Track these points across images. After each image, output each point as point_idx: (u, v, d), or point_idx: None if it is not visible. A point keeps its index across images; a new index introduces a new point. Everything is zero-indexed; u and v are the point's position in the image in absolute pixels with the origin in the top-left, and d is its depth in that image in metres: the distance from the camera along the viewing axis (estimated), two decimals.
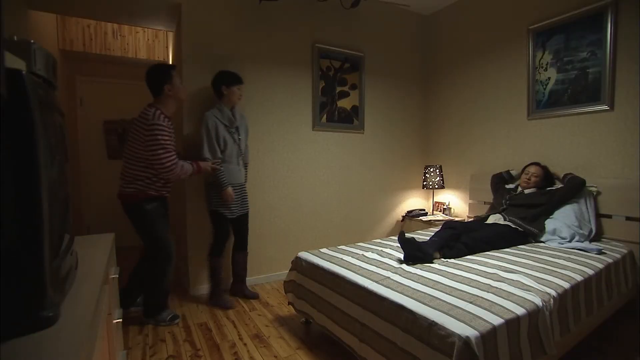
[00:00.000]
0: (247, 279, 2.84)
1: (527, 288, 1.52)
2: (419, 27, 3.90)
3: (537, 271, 1.75)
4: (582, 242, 2.34)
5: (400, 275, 1.71)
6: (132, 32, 3.97)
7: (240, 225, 2.63)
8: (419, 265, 1.87)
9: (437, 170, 3.64)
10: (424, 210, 3.79)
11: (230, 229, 2.58)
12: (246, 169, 2.69)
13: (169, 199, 2.37)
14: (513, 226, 2.45)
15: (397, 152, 3.81)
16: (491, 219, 2.62)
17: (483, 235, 2.25)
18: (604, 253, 2.13)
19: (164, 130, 2.08)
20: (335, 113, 3.36)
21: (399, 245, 2.01)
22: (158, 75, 2.17)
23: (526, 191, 2.72)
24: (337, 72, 3.34)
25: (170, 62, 3.76)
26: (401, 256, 1.98)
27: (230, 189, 2.43)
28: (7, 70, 0.55)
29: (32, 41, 0.67)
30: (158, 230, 2.21)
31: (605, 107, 2.49)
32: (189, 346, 2.00)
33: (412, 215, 3.66)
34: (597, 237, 2.45)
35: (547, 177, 2.71)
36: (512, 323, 1.29)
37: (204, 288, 2.78)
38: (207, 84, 2.72)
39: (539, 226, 2.48)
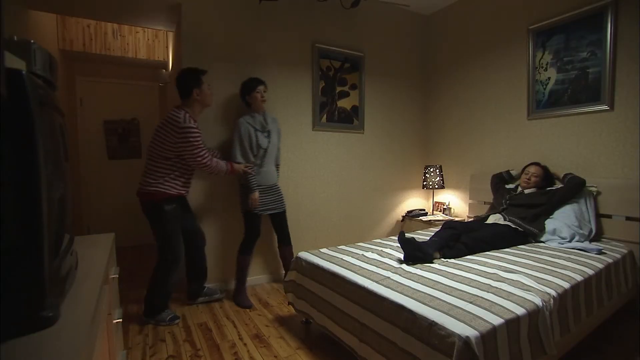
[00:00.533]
0: (247, 279, 2.84)
1: (527, 288, 1.52)
2: (419, 27, 3.90)
3: (537, 271, 1.75)
4: (582, 242, 2.34)
5: (400, 275, 1.71)
6: (132, 32, 3.97)
7: (279, 222, 2.77)
8: (419, 265, 1.87)
9: (437, 170, 3.64)
10: (424, 210, 3.79)
11: (261, 229, 2.67)
12: (278, 169, 2.83)
13: (188, 199, 2.49)
14: (513, 226, 2.45)
15: (397, 152, 3.81)
16: (491, 219, 2.62)
17: (483, 235, 2.25)
18: (604, 253, 2.13)
19: (195, 132, 2.18)
20: (335, 113, 3.36)
21: (399, 245, 2.01)
22: (188, 79, 2.25)
23: (526, 191, 2.72)
24: (337, 72, 3.34)
25: (170, 62, 3.76)
26: (401, 256, 1.98)
27: (257, 194, 2.53)
28: (7, 70, 0.55)
29: (32, 41, 0.68)
30: (170, 233, 2.27)
31: (605, 107, 2.49)
32: (189, 346, 2.00)
33: (412, 215, 3.66)
34: (597, 237, 2.45)
35: (547, 177, 2.71)
36: (512, 323, 1.29)
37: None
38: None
39: (539, 226, 2.48)
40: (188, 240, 2.44)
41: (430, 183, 3.63)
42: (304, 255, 2.15)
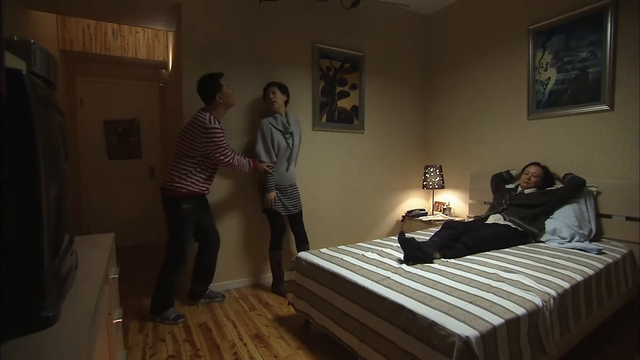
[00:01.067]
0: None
1: (527, 288, 1.52)
2: (419, 27, 3.90)
3: (537, 271, 1.75)
4: (582, 242, 2.34)
5: (400, 275, 1.71)
6: (132, 32, 3.97)
7: (295, 222, 2.84)
8: (419, 265, 1.87)
9: (437, 170, 3.64)
10: (424, 210, 3.79)
11: (285, 225, 2.78)
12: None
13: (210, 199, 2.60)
14: (513, 226, 2.45)
15: (397, 152, 3.81)
16: (491, 219, 2.62)
17: (483, 235, 2.25)
18: (604, 253, 2.13)
19: (220, 132, 2.29)
20: (335, 113, 3.36)
21: (399, 245, 2.01)
22: (210, 86, 2.35)
23: (526, 191, 2.72)
24: (337, 72, 3.34)
25: (170, 62, 3.76)
26: (401, 256, 1.98)
27: (273, 194, 2.61)
28: (7, 70, 0.55)
29: (32, 41, 0.68)
30: (182, 230, 2.33)
31: (605, 107, 2.49)
32: (189, 346, 2.00)
33: (412, 215, 3.66)
34: (597, 237, 2.45)
35: (547, 177, 2.71)
36: (512, 323, 1.29)
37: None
38: None
39: (539, 226, 2.48)
40: (201, 240, 2.51)
41: (430, 183, 3.63)
42: (304, 255, 2.15)
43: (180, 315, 2.34)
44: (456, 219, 3.46)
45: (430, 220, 3.41)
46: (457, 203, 3.68)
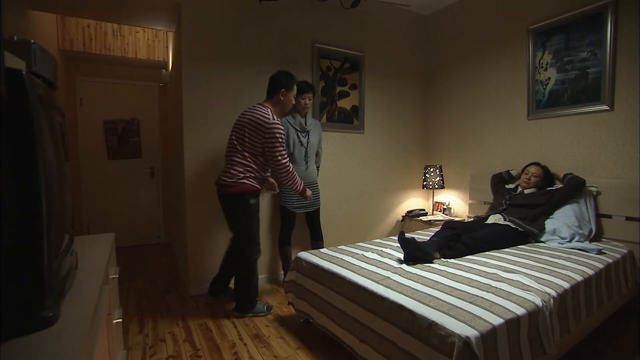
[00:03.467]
0: None
1: (527, 288, 1.52)
2: (419, 27, 3.90)
3: (537, 271, 1.75)
4: (582, 242, 2.34)
5: (400, 275, 1.71)
6: (132, 32, 3.97)
7: (311, 219, 2.93)
8: (419, 265, 1.87)
9: (437, 170, 3.64)
10: (424, 210, 3.79)
11: (295, 222, 2.85)
12: (318, 169, 3.03)
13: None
14: (513, 226, 2.45)
15: (397, 152, 3.81)
16: (491, 219, 2.62)
17: (483, 235, 2.25)
18: (604, 253, 2.13)
19: (281, 129, 2.23)
20: (335, 113, 3.36)
21: (399, 245, 2.01)
22: (282, 79, 2.32)
23: (526, 191, 2.72)
24: (337, 72, 3.34)
25: (170, 62, 3.76)
26: (401, 256, 1.98)
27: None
28: (7, 70, 0.55)
29: (32, 41, 0.67)
30: (252, 224, 2.30)
31: (605, 107, 2.49)
32: (189, 346, 2.00)
33: (412, 215, 3.66)
34: (597, 237, 2.45)
35: (547, 177, 2.71)
36: (512, 323, 1.29)
37: (204, 288, 2.78)
38: (207, 84, 2.72)
39: (539, 226, 2.48)
40: None
41: (430, 183, 3.63)
42: (304, 255, 2.15)
43: (271, 306, 2.43)
44: (456, 219, 3.46)
45: (430, 220, 3.41)
46: (457, 203, 3.68)
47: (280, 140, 2.22)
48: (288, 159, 2.31)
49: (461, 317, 1.26)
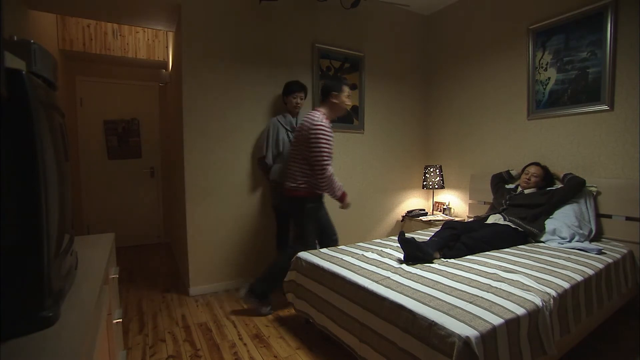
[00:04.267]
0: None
1: (527, 288, 1.52)
2: (419, 27, 3.90)
3: (537, 271, 1.75)
4: (582, 242, 2.34)
5: (400, 275, 1.71)
6: (132, 32, 3.97)
7: None
8: (419, 265, 1.87)
9: (437, 170, 3.64)
10: (424, 210, 3.79)
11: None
12: None
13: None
14: (513, 226, 2.45)
15: (397, 152, 3.81)
16: (491, 219, 2.62)
17: (483, 235, 2.25)
18: (604, 253, 2.13)
19: (326, 132, 2.25)
20: None
21: (399, 245, 2.01)
22: (330, 84, 2.39)
23: (526, 191, 2.72)
24: (337, 72, 3.34)
25: (170, 62, 3.76)
26: (401, 256, 1.98)
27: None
28: (7, 70, 0.55)
29: (32, 41, 0.67)
30: (308, 226, 2.40)
31: (605, 107, 2.49)
32: (189, 346, 2.00)
33: (412, 215, 3.66)
34: (597, 237, 2.45)
35: (547, 177, 2.71)
36: (512, 323, 1.29)
37: (204, 288, 2.78)
38: (206, 84, 2.73)
39: (538, 226, 2.48)
40: (320, 238, 2.55)
41: (430, 183, 3.63)
42: (304, 255, 2.15)
43: (272, 310, 2.41)
44: (456, 219, 3.46)
45: (430, 220, 3.41)
46: (457, 203, 3.68)
47: (322, 143, 2.22)
48: (329, 163, 2.27)
49: (461, 317, 1.26)
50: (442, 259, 1.99)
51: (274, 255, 2.92)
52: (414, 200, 3.96)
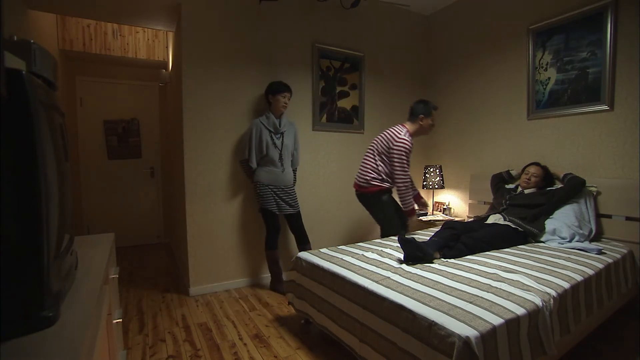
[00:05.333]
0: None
1: (527, 288, 1.52)
2: (419, 27, 3.90)
3: (537, 271, 1.75)
4: (582, 242, 2.33)
5: (400, 275, 1.71)
6: (132, 32, 3.97)
7: (293, 223, 2.87)
8: (419, 265, 1.87)
9: (437, 170, 3.64)
10: (424, 210, 3.79)
11: (281, 225, 2.81)
12: (295, 172, 2.95)
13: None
14: (513, 226, 2.45)
15: None
16: (491, 219, 2.62)
17: (483, 235, 2.25)
18: (604, 253, 2.13)
19: (408, 146, 2.56)
20: (335, 113, 3.36)
21: (399, 245, 2.01)
22: (419, 107, 2.66)
23: (526, 191, 2.72)
24: (337, 72, 3.34)
25: (170, 62, 3.76)
26: (401, 256, 1.98)
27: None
28: (7, 70, 0.55)
29: (32, 41, 0.67)
30: (389, 214, 2.70)
31: (605, 107, 2.49)
32: (189, 346, 2.00)
33: None
34: (597, 237, 2.45)
35: (547, 177, 2.71)
36: (512, 323, 1.29)
37: (204, 288, 2.78)
38: (207, 84, 2.73)
39: (538, 226, 2.48)
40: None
41: (430, 183, 3.63)
42: (304, 255, 2.15)
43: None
44: (456, 219, 3.46)
45: (430, 220, 3.41)
46: (457, 203, 3.68)
47: (403, 156, 2.54)
48: (408, 173, 2.58)
49: (461, 317, 1.26)
50: (442, 259, 1.99)
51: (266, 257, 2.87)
52: None
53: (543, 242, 2.43)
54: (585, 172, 2.61)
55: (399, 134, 2.57)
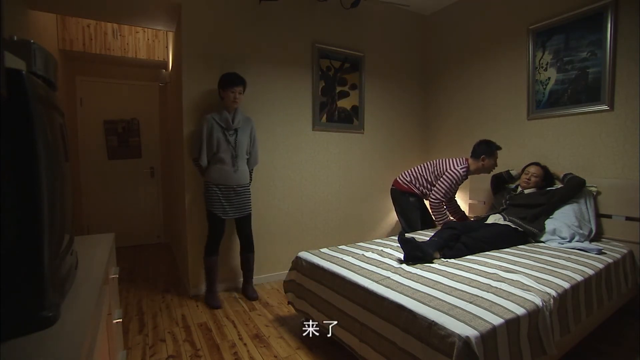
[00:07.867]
0: (242, 278, 2.83)
1: (527, 288, 1.52)
2: (419, 27, 3.90)
3: (537, 271, 1.75)
4: (582, 242, 2.33)
5: (400, 275, 1.71)
6: (132, 32, 3.97)
7: (241, 227, 2.69)
8: (419, 265, 1.87)
9: None
10: None
11: (224, 230, 2.62)
12: (251, 172, 2.73)
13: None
14: (513, 226, 2.45)
15: (397, 152, 3.81)
16: (491, 219, 2.61)
17: (483, 235, 2.25)
18: (604, 253, 2.13)
19: (455, 179, 2.76)
20: (335, 113, 3.36)
21: (399, 245, 2.01)
22: (482, 148, 2.80)
23: (526, 191, 2.72)
24: (337, 72, 3.34)
25: (170, 62, 3.76)
26: (401, 256, 1.98)
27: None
28: (7, 70, 0.55)
29: (32, 41, 0.67)
30: (411, 217, 2.98)
31: (605, 107, 2.49)
32: (189, 346, 2.00)
33: None
34: (597, 237, 2.45)
35: (547, 177, 2.71)
36: (512, 323, 1.29)
37: (204, 288, 2.78)
38: (207, 84, 2.73)
39: (538, 226, 2.48)
40: (422, 225, 3.00)
41: None
42: (304, 255, 2.15)
43: None
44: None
45: None
46: None
47: (447, 183, 2.76)
48: (443, 197, 2.77)
49: (461, 317, 1.26)
50: (442, 259, 1.99)
51: (240, 259, 2.75)
52: None
53: (543, 242, 2.43)
54: (585, 172, 2.61)
55: (457, 165, 2.79)
